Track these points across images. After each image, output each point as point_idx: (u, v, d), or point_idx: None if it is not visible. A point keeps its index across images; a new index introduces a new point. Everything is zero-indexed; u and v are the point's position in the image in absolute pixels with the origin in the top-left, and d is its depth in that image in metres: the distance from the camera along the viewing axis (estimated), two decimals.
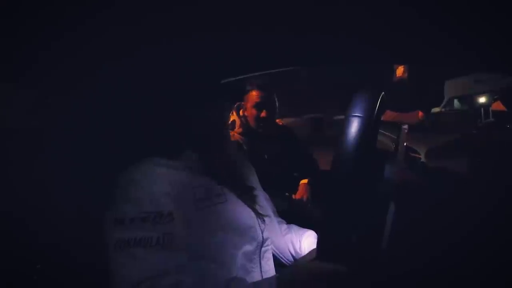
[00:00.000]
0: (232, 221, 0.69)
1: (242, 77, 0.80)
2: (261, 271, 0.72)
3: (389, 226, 0.59)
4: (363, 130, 0.51)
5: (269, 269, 0.75)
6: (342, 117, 0.54)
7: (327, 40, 0.66)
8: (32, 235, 0.66)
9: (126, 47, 0.60)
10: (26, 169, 0.67)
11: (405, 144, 0.78)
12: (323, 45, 0.68)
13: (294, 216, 1.01)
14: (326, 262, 0.52)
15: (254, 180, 0.88)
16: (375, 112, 0.53)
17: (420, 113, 2.67)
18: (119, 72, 0.68)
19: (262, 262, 0.73)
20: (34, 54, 0.58)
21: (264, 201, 0.86)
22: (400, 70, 2.59)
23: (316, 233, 0.87)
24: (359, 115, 0.51)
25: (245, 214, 0.72)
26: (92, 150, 0.70)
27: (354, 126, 0.51)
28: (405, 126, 0.78)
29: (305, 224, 0.94)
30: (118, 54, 0.62)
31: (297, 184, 1.66)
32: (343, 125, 0.52)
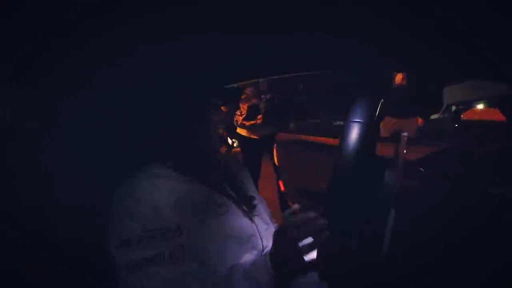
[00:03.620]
0: (234, 230, 0.68)
1: (242, 83, 0.80)
2: (261, 278, 0.71)
3: (389, 231, 0.59)
4: (362, 135, 0.51)
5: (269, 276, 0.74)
6: (340, 122, 0.54)
7: (327, 45, 0.66)
8: (31, 235, 0.65)
9: (127, 47, 0.60)
10: (25, 169, 0.67)
11: (404, 151, 0.78)
12: (323, 49, 0.68)
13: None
14: (326, 266, 0.51)
15: (252, 188, 0.88)
16: (375, 118, 0.53)
17: (420, 120, 2.68)
18: (118, 73, 0.68)
19: (263, 270, 0.72)
20: (33, 54, 0.58)
21: (262, 209, 0.85)
22: (399, 77, 2.59)
23: (316, 238, 0.87)
24: (359, 120, 0.52)
25: (245, 222, 0.72)
26: (91, 150, 0.70)
27: (354, 132, 0.51)
28: (405, 134, 0.78)
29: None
30: (118, 55, 0.62)
31: None
32: (343, 131, 0.52)
